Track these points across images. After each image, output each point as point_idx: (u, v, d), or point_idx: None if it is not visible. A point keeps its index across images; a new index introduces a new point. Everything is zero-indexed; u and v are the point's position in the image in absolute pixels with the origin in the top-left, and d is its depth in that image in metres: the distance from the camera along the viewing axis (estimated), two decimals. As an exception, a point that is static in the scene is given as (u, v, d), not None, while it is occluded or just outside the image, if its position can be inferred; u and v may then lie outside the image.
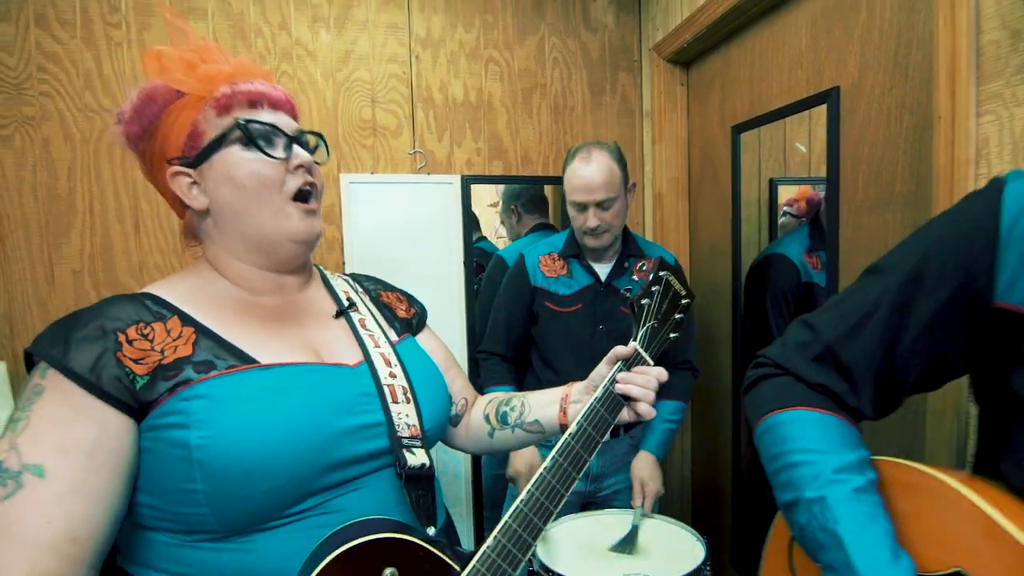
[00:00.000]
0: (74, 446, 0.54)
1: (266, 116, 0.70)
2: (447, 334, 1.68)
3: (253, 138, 0.68)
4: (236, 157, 0.68)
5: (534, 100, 1.77)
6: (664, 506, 1.46)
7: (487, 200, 1.83)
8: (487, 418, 0.92)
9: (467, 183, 1.70)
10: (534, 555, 1.13)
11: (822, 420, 0.57)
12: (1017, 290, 0.45)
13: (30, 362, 0.60)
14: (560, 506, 0.69)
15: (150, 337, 0.62)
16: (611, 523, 1.26)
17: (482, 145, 1.73)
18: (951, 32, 0.88)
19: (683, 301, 0.89)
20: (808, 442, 0.56)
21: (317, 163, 0.75)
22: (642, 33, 1.87)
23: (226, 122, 0.68)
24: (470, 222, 1.71)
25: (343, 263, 1.63)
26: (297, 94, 1.57)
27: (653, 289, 0.85)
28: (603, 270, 1.46)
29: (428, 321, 0.98)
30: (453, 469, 1.73)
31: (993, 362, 0.49)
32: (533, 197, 1.83)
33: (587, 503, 1.50)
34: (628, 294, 0.88)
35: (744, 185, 1.53)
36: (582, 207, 1.36)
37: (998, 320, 0.47)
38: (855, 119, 1.18)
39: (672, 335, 0.85)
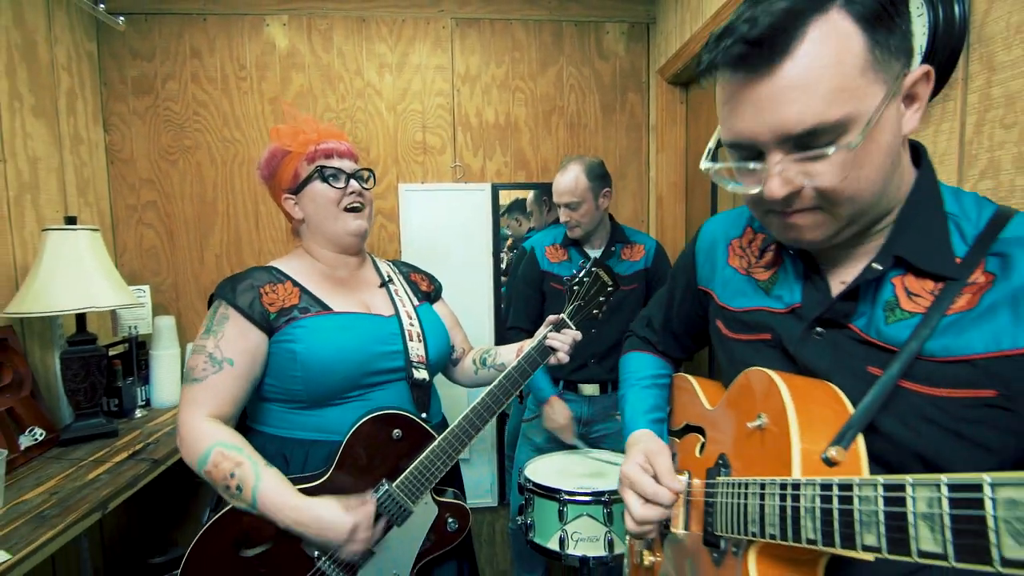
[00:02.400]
0: (244, 349, 1.06)
1: (335, 163, 1.18)
2: (478, 307, 2.15)
3: (325, 177, 1.16)
4: (317, 187, 1.17)
5: (553, 120, 2.17)
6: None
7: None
8: (474, 361, 1.37)
9: (496, 189, 2.13)
10: (524, 476, 1.58)
11: (641, 356, 0.97)
12: (702, 279, 0.83)
13: (210, 303, 1.13)
14: (500, 408, 1.13)
15: (276, 291, 1.12)
16: (594, 457, 1.67)
17: (509, 158, 2.16)
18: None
19: (609, 289, 1.28)
20: (632, 365, 0.97)
21: (366, 188, 1.21)
22: (650, 58, 2.20)
23: (312, 168, 1.17)
24: (498, 220, 2.15)
25: (399, 251, 2.13)
26: (367, 124, 2.08)
27: (584, 279, 1.25)
28: (595, 254, 1.86)
29: (455, 297, 1.46)
30: (482, 414, 2.21)
31: (707, 319, 0.86)
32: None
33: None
34: (565, 279, 1.29)
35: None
36: (559, 206, 1.78)
37: (701, 295, 0.84)
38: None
39: (595, 311, 1.25)
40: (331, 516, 0.99)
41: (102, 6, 1.76)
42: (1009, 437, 0.52)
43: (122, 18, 1.82)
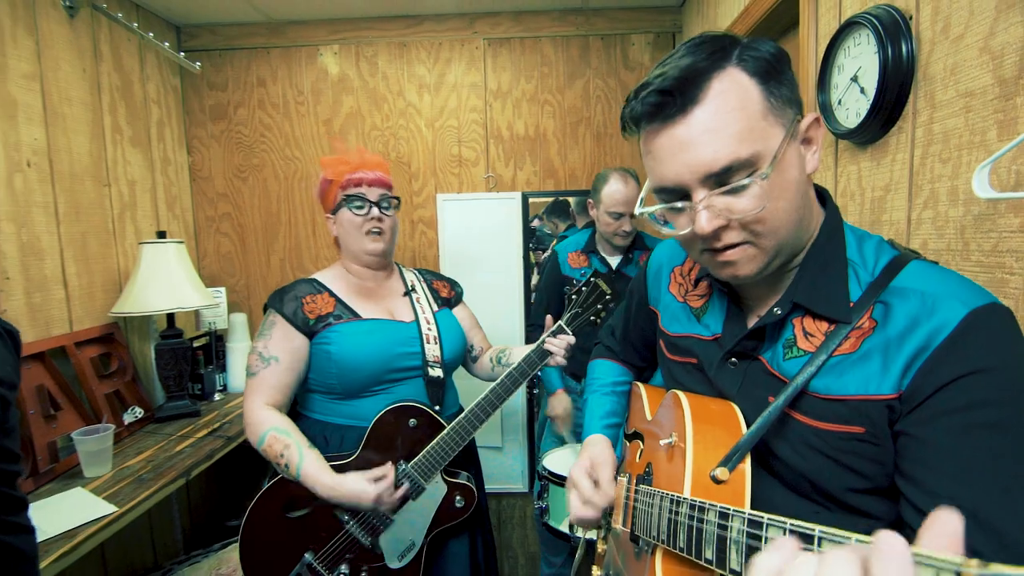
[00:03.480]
0: (288, 349, 1.28)
1: (362, 191, 1.36)
2: (508, 306, 2.31)
3: (351, 204, 1.36)
4: (345, 213, 1.36)
5: (580, 130, 2.28)
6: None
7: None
8: (491, 359, 1.54)
9: (526, 198, 2.28)
10: (542, 464, 1.74)
11: (604, 363, 1.08)
12: (651, 300, 0.91)
13: (264, 310, 1.36)
14: (502, 403, 1.29)
15: (315, 301, 1.34)
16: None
17: (538, 168, 2.29)
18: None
19: (607, 298, 1.40)
20: (596, 372, 1.08)
21: (387, 215, 1.39)
22: (677, 65, 2.25)
23: (343, 194, 1.37)
24: (528, 226, 2.30)
25: (438, 255, 2.33)
26: (408, 140, 2.29)
27: (583, 288, 1.39)
28: (614, 261, 1.97)
29: (487, 296, 1.65)
30: (513, 407, 2.38)
31: (655, 336, 0.92)
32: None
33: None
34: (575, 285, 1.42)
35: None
36: (619, 216, 1.86)
37: (651, 314, 0.91)
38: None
39: (592, 318, 1.38)
40: (360, 489, 1.20)
41: (183, 53, 2.06)
42: (878, 467, 0.58)
43: (199, 63, 2.11)
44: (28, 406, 1.50)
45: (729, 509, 0.53)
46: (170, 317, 1.94)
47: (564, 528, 1.64)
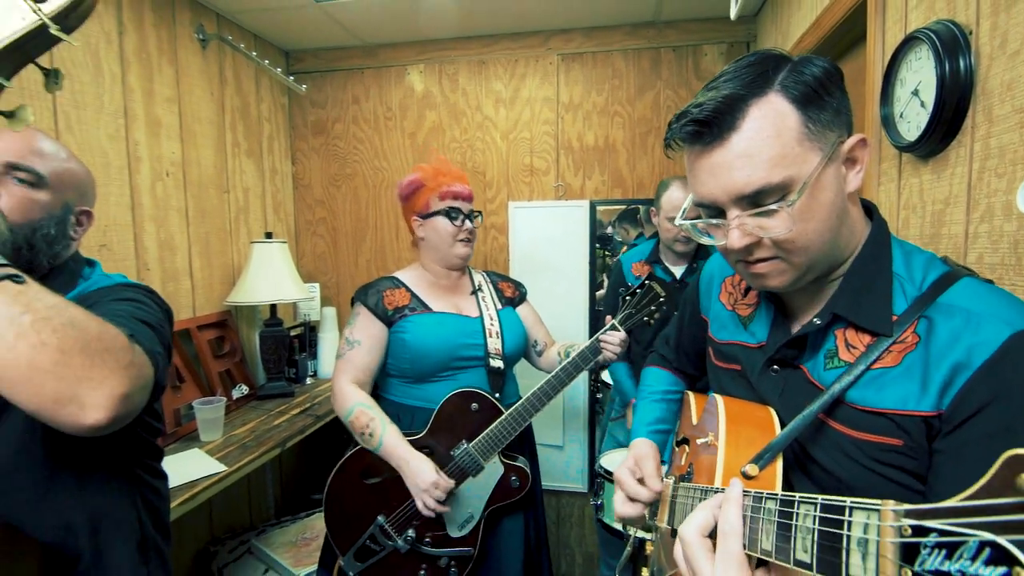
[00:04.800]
0: (370, 334, 1.46)
1: (458, 204, 1.51)
2: (574, 309, 2.40)
3: (450, 214, 1.51)
4: (441, 220, 1.51)
5: (649, 140, 2.33)
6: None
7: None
8: (558, 353, 1.64)
9: (593, 206, 2.36)
10: (600, 463, 1.81)
11: (656, 371, 1.12)
12: (703, 308, 0.94)
13: (352, 303, 1.54)
14: (557, 393, 1.39)
15: (394, 295, 1.50)
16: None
17: (606, 177, 2.36)
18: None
19: (660, 300, 1.45)
20: (648, 380, 1.12)
21: (475, 225, 1.54)
22: (751, 74, 2.24)
23: (441, 204, 1.52)
24: (595, 233, 2.37)
25: (508, 259, 2.46)
26: (484, 151, 2.44)
27: (637, 290, 1.46)
28: (678, 271, 2.00)
29: (554, 299, 1.91)
30: (574, 408, 2.45)
31: (706, 344, 0.95)
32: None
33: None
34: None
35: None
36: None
37: (702, 322, 0.95)
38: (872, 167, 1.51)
39: (646, 318, 1.44)
40: (424, 470, 1.34)
41: (291, 76, 2.35)
42: (915, 479, 0.58)
43: (304, 85, 2.38)
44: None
45: (762, 493, 0.54)
46: (273, 308, 2.20)
47: (617, 526, 1.70)
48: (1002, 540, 0.26)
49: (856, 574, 0.35)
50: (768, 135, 0.60)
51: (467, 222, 1.52)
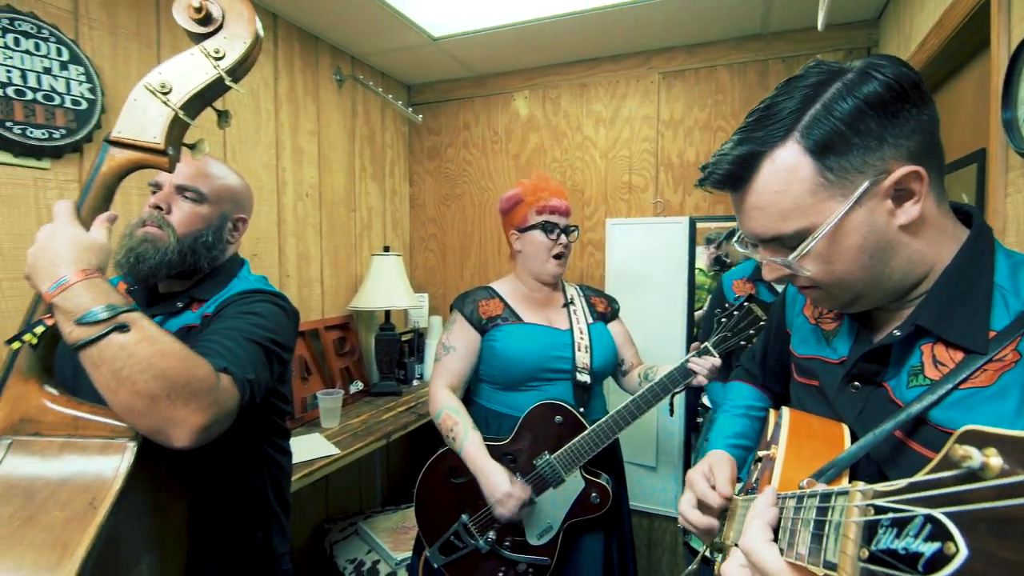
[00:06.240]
0: (465, 341, 1.58)
1: (555, 219, 1.59)
2: (671, 328, 2.37)
3: (545, 229, 1.60)
4: (537, 235, 1.61)
5: (755, 155, 2.24)
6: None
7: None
8: (639, 375, 1.65)
9: (693, 222, 2.32)
10: None
11: (741, 386, 1.09)
12: (788, 322, 0.92)
13: (451, 309, 1.68)
14: (641, 415, 1.40)
15: (488, 304, 1.62)
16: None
17: (707, 193, 2.32)
18: None
19: (761, 323, 1.40)
20: (731, 394, 1.09)
21: (570, 240, 1.62)
22: (873, 82, 2.08)
23: (538, 219, 1.61)
24: (694, 250, 2.33)
25: (604, 275, 2.49)
26: (583, 170, 2.52)
27: (734, 312, 1.42)
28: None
29: (650, 316, 2.01)
30: (669, 431, 2.40)
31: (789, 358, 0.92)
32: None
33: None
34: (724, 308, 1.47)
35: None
36: None
37: (786, 336, 0.92)
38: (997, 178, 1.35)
39: (743, 343, 1.40)
40: (500, 482, 1.40)
41: (410, 109, 2.62)
42: None
43: (421, 115, 2.65)
44: (293, 369, 2.08)
45: (802, 492, 0.53)
46: (387, 314, 2.44)
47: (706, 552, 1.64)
48: (937, 513, 0.27)
49: (831, 559, 0.36)
50: (776, 190, 0.61)
51: (562, 236, 1.59)
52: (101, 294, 0.73)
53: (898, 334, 0.64)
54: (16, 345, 0.76)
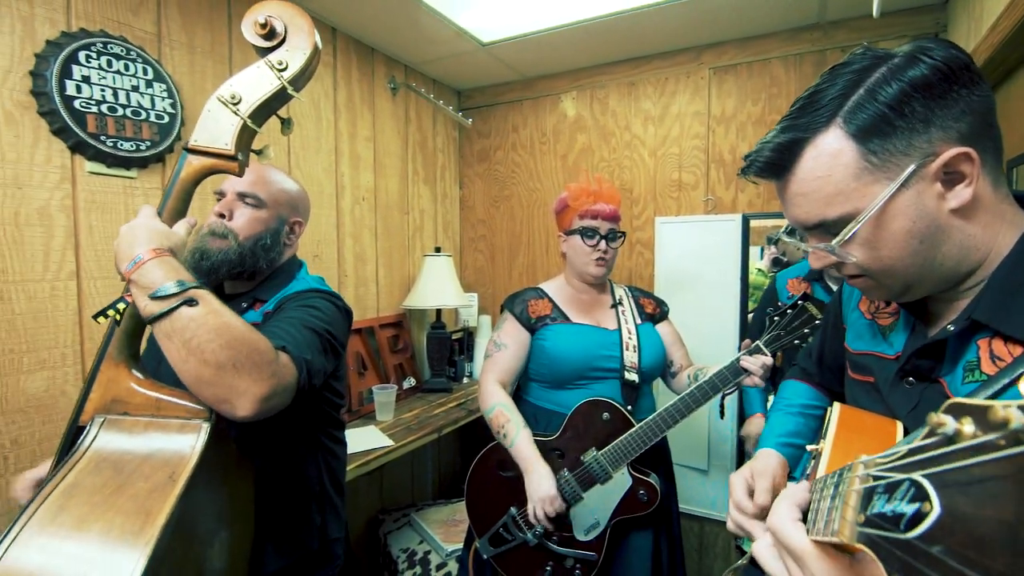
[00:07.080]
0: (515, 339, 1.62)
1: (596, 223, 1.60)
2: (724, 327, 2.32)
3: (584, 234, 1.62)
4: (577, 239, 1.63)
5: (813, 149, 2.16)
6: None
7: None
8: (688, 376, 1.63)
9: (746, 220, 2.26)
10: None
11: (796, 384, 1.06)
12: (844, 317, 0.88)
13: (501, 309, 1.72)
14: (690, 413, 1.39)
15: (537, 304, 1.65)
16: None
17: (761, 189, 2.25)
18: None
19: (816, 322, 1.35)
20: (785, 392, 1.07)
21: (612, 247, 1.62)
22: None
23: (579, 223, 1.63)
24: (747, 247, 2.27)
25: (653, 275, 2.46)
26: (632, 169, 2.50)
27: (788, 310, 1.38)
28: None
29: (701, 316, 2.01)
30: (722, 435, 2.34)
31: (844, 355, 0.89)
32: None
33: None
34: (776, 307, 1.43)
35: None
36: None
37: (843, 332, 0.89)
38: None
39: (796, 341, 1.36)
40: (543, 481, 1.43)
41: (460, 113, 2.69)
42: None
43: (471, 119, 2.71)
44: (350, 364, 2.17)
45: (825, 475, 0.53)
46: (438, 313, 2.52)
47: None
48: (917, 476, 0.29)
49: (836, 527, 0.38)
50: (819, 176, 0.61)
51: (601, 243, 1.59)
52: (172, 270, 0.79)
53: (952, 329, 0.62)
54: (101, 320, 0.85)
